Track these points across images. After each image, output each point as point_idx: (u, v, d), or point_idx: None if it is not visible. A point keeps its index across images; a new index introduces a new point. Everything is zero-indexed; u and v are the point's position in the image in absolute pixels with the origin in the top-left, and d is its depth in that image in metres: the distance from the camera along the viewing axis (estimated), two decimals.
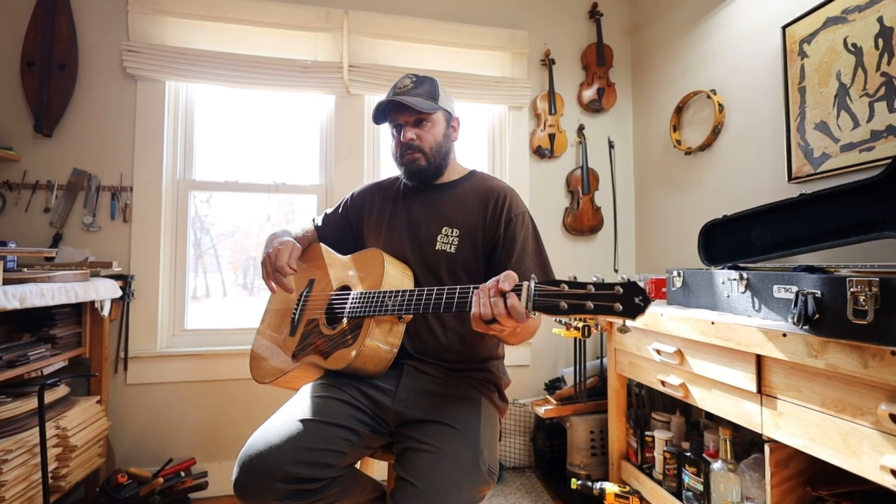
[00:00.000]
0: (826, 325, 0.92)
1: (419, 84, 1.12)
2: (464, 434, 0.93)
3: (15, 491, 1.29)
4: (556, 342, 2.28)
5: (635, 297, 0.66)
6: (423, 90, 1.11)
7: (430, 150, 1.11)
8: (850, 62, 1.37)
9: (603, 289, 0.68)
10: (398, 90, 1.12)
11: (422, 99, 1.09)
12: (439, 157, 1.13)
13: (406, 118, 1.10)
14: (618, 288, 0.67)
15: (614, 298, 0.67)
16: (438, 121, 1.12)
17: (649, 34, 2.31)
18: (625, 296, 0.67)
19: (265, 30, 2.05)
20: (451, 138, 1.17)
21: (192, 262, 2.09)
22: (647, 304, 0.66)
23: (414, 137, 1.10)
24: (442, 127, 1.13)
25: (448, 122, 1.16)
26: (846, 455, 0.92)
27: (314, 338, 1.09)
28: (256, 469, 0.83)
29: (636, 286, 0.67)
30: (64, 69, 1.85)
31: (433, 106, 1.10)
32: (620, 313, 0.66)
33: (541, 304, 0.72)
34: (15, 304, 1.24)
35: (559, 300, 0.70)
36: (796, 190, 1.49)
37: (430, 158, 1.11)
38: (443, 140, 1.13)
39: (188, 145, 2.07)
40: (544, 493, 1.93)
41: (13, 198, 1.82)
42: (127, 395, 1.88)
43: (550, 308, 0.71)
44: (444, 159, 1.15)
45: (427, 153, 1.11)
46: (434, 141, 1.11)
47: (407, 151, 1.11)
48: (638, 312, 0.66)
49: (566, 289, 0.71)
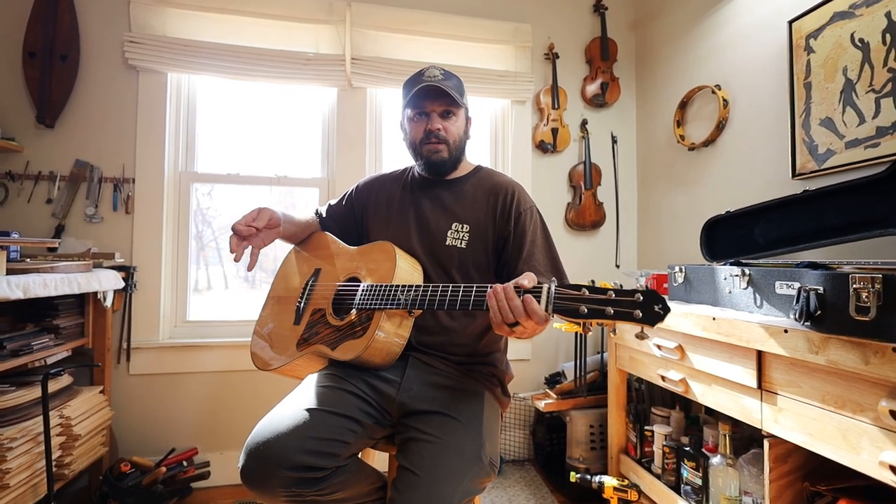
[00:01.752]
0: (828, 322, 0.92)
1: (448, 77, 1.12)
2: (466, 426, 0.94)
3: (19, 478, 1.30)
4: (556, 336, 2.28)
5: (655, 305, 0.67)
6: (453, 84, 1.11)
7: (453, 143, 1.13)
8: (857, 58, 1.36)
9: (623, 295, 0.69)
10: (429, 77, 1.09)
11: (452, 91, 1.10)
12: (459, 151, 1.15)
13: (436, 107, 1.10)
14: (638, 295, 0.68)
15: (634, 305, 0.68)
16: (462, 116, 1.15)
17: (654, 28, 2.29)
18: (645, 303, 0.67)
19: (267, 21, 2.03)
20: (467, 135, 1.19)
21: (193, 254, 2.09)
22: (667, 312, 0.66)
23: (440, 128, 1.11)
24: (463, 122, 1.16)
25: (466, 119, 1.18)
26: (845, 451, 0.92)
27: (320, 327, 1.09)
28: (263, 456, 0.84)
29: (656, 294, 0.68)
30: (66, 60, 1.84)
31: (462, 101, 1.13)
32: (640, 320, 0.67)
33: (560, 307, 0.73)
34: (18, 295, 1.25)
35: (579, 304, 0.71)
36: (800, 186, 1.49)
37: (452, 151, 1.13)
38: (463, 135, 1.16)
39: (190, 137, 2.07)
40: (543, 485, 1.95)
41: (16, 188, 1.82)
42: (129, 386, 1.89)
43: (570, 312, 0.72)
44: (461, 154, 1.18)
45: (451, 146, 1.13)
46: (457, 134, 1.14)
47: (432, 140, 1.10)
48: (657, 320, 0.66)
49: (586, 293, 0.72)
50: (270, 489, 0.83)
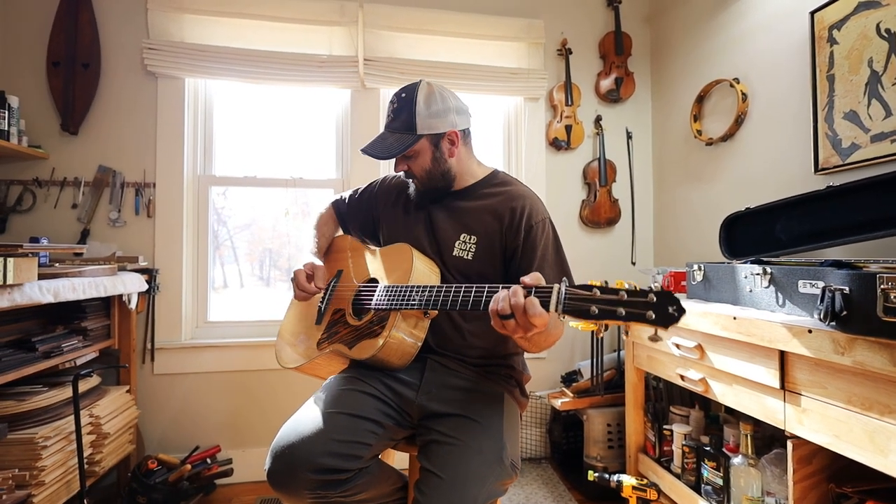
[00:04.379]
0: (854, 322, 0.91)
1: (398, 113, 1.07)
2: (487, 428, 0.94)
3: (54, 475, 1.35)
4: (572, 335, 2.28)
5: (669, 307, 0.64)
6: (400, 121, 1.06)
7: (420, 178, 1.11)
8: (883, 48, 1.32)
9: (636, 296, 0.66)
10: (386, 123, 1.11)
11: (397, 135, 1.06)
12: (434, 181, 1.11)
13: None
14: (651, 296, 0.65)
15: (647, 306, 0.65)
16: (422, 150, 1.07)
17: (669, 21, 2.25)
18: (658, 304, 0.65)
19: (281, 25, 2.05)
20: (444, 157, 1.09)
21: (211, 253, 2.13)
22: (681, 314, 0.64)
23: (406, 168, 1.10)
24: (428, 154, 1.08)
25: (438, 144, 1.08)
26: (872, 453, 0.91)
27: (340, 327, 1.12)
28: (289, 459, 0.86)
29: (670, 295, 0.65)
30: (87, 68, 1.89)
31: (406, 142, 1.05)
32: (653, 322, 0.64)
33: (571, 307, 0.71)
34: (49, 299, 1.29)
35: (590, 305, 0.69)
36: (823, 182, 1.45)
37: (426, 183, 1.11)
38: (432, 166, 1.09)
39: (208, 141, 2.11)
40: (560, 483, 1.95)
41: (42, 194, 1.88)
42: (154, 385, 1.94)
43: (581, 312, 0.70)
44: (442, 179, 1.11)
45: (419, 180, 1.11)
46: (422, 170, 1.09)
47: (407, 178, 1.14)
48: (671, 322, 0.64)
49: (598, 294, 0.69)
50: (297, 491, 0.85)
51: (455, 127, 1.09)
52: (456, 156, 1.11)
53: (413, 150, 1.07)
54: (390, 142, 1.07)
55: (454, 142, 1.10)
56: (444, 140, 1.09)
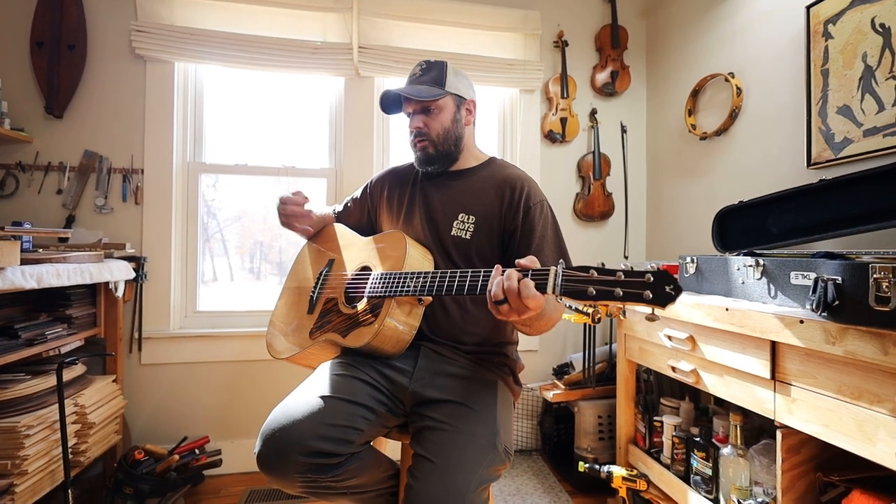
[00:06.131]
0: (846, 312, 0.91)
1: (427, 71, 1.11)
2: (480, 414, 0.94)
3: (38, 464, 1.32)
4: (564, 328, 2.28)
5: (666, 286, 0.65)
6: (430, 77, 1.10)
7: (437, 137, 1.10)
8: (878, 43, 1.32)
9: (633, 276, 0.67)
10: (410, 79, 1.13)
11: (426, 86, 1.08)
12: (448, 143, 1.12)
13: (413, 107, 1.11)
14: (648, 276, 0.66)
15: (644, 286, 0.66)
16: (445, 106, 1.10)
17: (665, 15, 2.25)
18: (655, 284, 0.66)
19: (275, 10, 2.01)
20: (462, 123, 1.13)
21: (200, 245, 2.10)
22: (679, 293, 0.65)
23: (421, 125, 1.10)
24: (450, 112, 1.11)
25: (459, 106, 1.13)
26: (861, 442, 0.92)
27: (332, 316, 1.10)
28: (279, 442, 0.85)
29: (667, 274, 0.66)
30: (73, 49, 1.83)
31: (436, 93, 1.08)
32: (650, 301, 0.65)
33: (569, 289, 0.71)
34: (32, 284, 1.26)
35: (587, 286, 0.70)
36: (815, 176, 1.46)
37: (438, 145, 1.11)
38: (451, 126, 1.11)
39: (198, 128, 2.06)
40: (551, 475, 1.96)
41: (26, 179, 1.83)
42: (141, 375, 1.91)
43: (578, 294, 0.70)
44: (455, 145, 1.13)
45: (434, 140, 1.10)
46: (441, 127, 1.10)
47: (417, 139, 1.12)
48: (668, 301, 0.65)
49: (595, 275, 0.70)
50: (286, 475, 0.84)
51: (474, 98, 1.17)
52: (469, 126, 1.17)
53: (438, 105, 1.10)
54: (419, 88, 1.08)
55: (471, 111, 1.16)
56: (464, 105, 1.14)
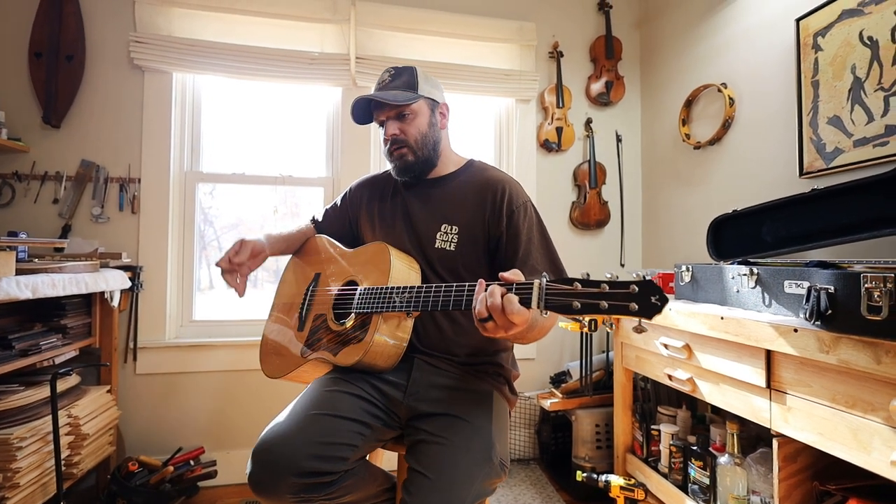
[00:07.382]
0: (839, 321, 0.92)
1: (397, 76, 1.08)
2: (475, 427, 0.93)
3: (30, 477, 1.30)
4: (561, 336, 2.28)
5: (651, 296, 0.63)
6: (401, 81, 1.07)
7: (415, 143, 1.07)
8: (866, 55, 1.35)
9: (618, 287, 0.65)
10: (378, 86, 1.10)
11: (398, 91, 1.06)
12: (427, 148, 1.09)
13: (387, 113, 1.07)
14: (633, 287, 0.64)
15: (630, 297, 0.64)
16: (420, 111, 1.08)
17: (659, 26, 2.28)
18: (641, 294, 0.64)
19: (272, 21, 2.03)
20: (437, 127, 1.11)
21: (197, 252, 2.10)
22: (665, 303, 0.63)
23: (397, 132, 1.06)
24: (425, 117, 1.09)
25: (433, 110, 1.11)
26: (856, 450, 0.92)
27: (322, 333, 1.09)
28: (271, 463, 0.83)
29: (652, 284, 0.64)
30: (71, 60, 1.84)
31: (410, 96, 1.05)
32: (636, 313, 0.64)
33: (553, 303, 0.69)
34: (27, 295, 1.25)
35: (572, 299, 0.68)
36: (807, 185, 1.48)
37: (417, 151, 1.08)
38: (428, 130, 1.09)
39: (195, 137, 2.07)
40: (549, 484, 1.95)
41: (22, 189, 1.83)
42: (136, 385, 1.90)
43: (563, 308, 0.69)
44: (433, 150, 1.10)
45: (413, 146, 1.07)
46: (418, 132, 1.07)
47: (393, 147, 1.08)
48: (654, 312, 0.63)
49: (579, 287, 0.68)
50: (280, 496, 0.82)
51: (446, 101, 1.16)
52: (445, 130, 1.15)
53: (412, 110, 1.07)
54: (393, 93, 1.06)
55: (445, 115, 1.15)
56: (438, 109, 1.13)
